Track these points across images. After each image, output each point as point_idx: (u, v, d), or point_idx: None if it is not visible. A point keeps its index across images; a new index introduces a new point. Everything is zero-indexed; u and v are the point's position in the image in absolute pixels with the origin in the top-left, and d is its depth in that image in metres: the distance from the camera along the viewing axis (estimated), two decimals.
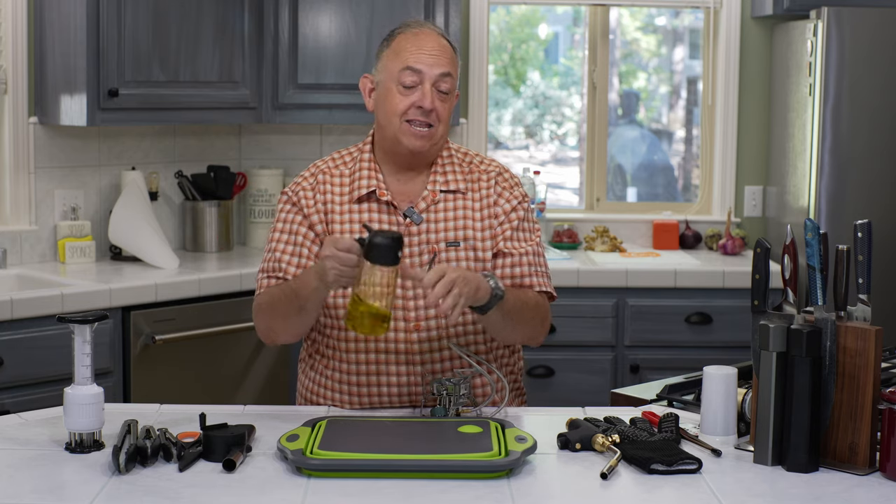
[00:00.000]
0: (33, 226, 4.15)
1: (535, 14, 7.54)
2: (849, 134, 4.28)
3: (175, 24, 4.08)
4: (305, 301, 2.37)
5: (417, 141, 2.46)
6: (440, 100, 2.46)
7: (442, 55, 2.47)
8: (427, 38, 2.48)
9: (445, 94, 2.47)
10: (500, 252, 2.50)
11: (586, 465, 2.09)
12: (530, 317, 2.46)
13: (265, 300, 2.48)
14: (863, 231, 2.13)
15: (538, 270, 2.52)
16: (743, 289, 4.26)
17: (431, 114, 2.45)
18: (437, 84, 2.45)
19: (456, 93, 2.55)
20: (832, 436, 2.09)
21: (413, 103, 2.44)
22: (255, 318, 2.51)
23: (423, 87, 2.45)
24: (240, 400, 3.89)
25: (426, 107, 2.44)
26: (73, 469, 2.04)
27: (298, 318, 2.42)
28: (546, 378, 4.27)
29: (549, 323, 2.54)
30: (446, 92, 2.47)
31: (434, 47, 2.47)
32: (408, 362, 2.47)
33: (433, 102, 2.44)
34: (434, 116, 2.46)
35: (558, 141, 7.88)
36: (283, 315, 2.43)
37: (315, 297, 2.36)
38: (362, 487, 1.96)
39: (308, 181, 2.55)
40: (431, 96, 2.44)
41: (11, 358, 3.46)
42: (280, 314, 2.44)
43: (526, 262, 2.50)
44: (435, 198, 2.51)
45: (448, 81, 2.47)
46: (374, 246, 2.19)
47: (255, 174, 4.63)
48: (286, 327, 2.46)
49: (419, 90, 2.45)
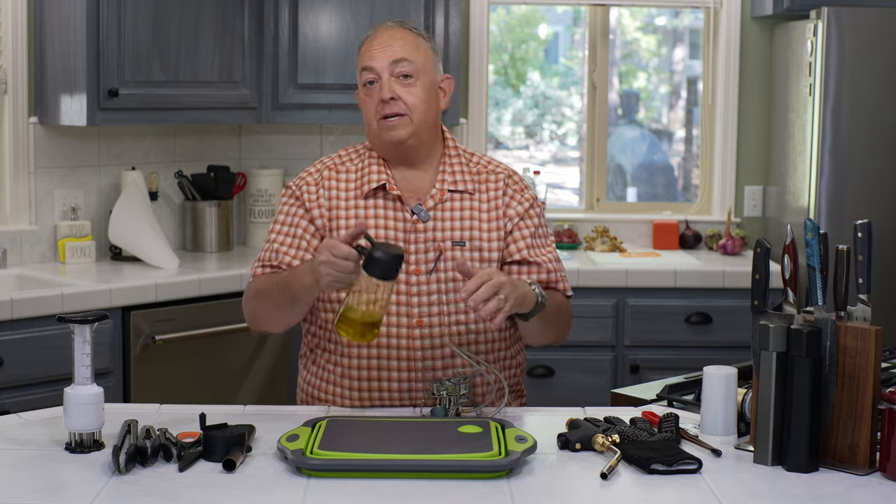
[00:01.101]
0: (33, 226, 4.15)
1: (535, 14, 7.55)
2: (849, 134, 4.27)
3: (175, 24, 4.08)
4: (297, 295, 2.39)
5: (392, 132, 2.48)
6: (403, 86, 2.47)
7: (391, 44, 2.49)
8: (377, 35, 2.52)
9: (408, 77, 2.47)
10: (524, 260, 2.52)
11: (586, 465, 2.09)
12: (562, 319, 2.55)
13: (258, 286, 2.50)
14: (863, 231, 2.13)
15: (561, 275, 2.58)
16: (743, 289, 4.26)
17: (396, 103, 2.46)
18: (393, 72, 2.47)
19: (446, 76, 2.56)
20: (832, 436, 2.09)
21: (378, 100, 2.47)
22: (244, 302, 2.54)
23: (381, 81, 2.47)
24: (240, 400, 3.89)
25: (385, 97, 2.46)
26: (73, 469, 2.04)
27: (289, 310, 2.45)
28: (546, 378, 4.27)
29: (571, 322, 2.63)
30: (409, 76, 2.48)
31: (384, 40, 2.50)
32: (409, 358, 2.47)
33: (392, 90, 2.46)
34: (401, 105, 2.47)
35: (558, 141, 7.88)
36: (275, 304, 2.45)
37: (307, 295, 2.38)
38: (362, 487, 1.96)
39: (313, 176, 2.57)
40: (389, 85, 2.46)
41: (11, 358, 3.46)
42: (271, 302, 2.45)
43: (553, 268, 2.55)
44: (443, 197, 2.52)
45: (405, 65, 2.47)
46: (374, 260, 2.19)
47: (255, 174, 4.63)
48: (275, 316, 2.49)
49: (378, 85, 2.47)
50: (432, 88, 2.52)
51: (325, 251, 2.22)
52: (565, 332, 2.60)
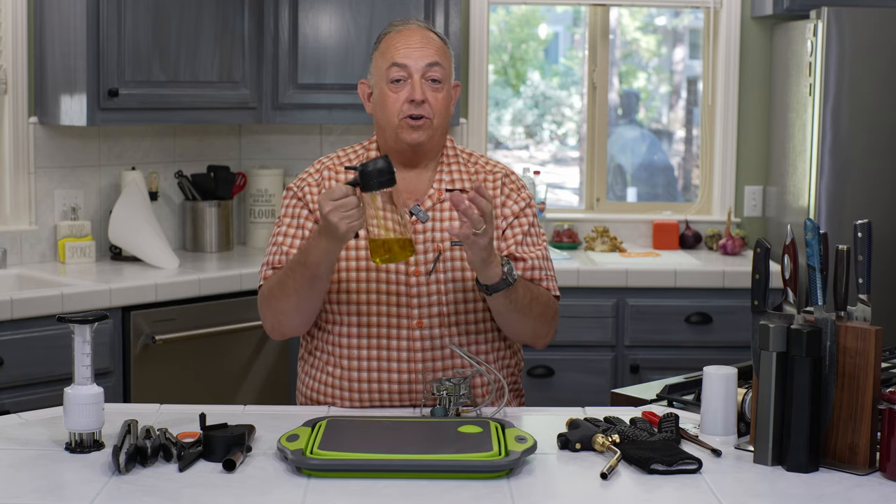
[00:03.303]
0: (33, 226, 4.15)
1: (535, 14, 7.55)
2: (849, 134, 4.27)
3: (175, 24, 4.08)
4: (317, 267, 2.34)
5: (414, 133, 2.47)
6: (432, 90, 2.47)
7: (427, 46, 2.48)
8: (411, 33, 2.50)
9: (437, 83, 2.47)
10: (511, 255, 2.51)
11: (586, 465, 2.09)
12: (538, 312, 2.47)
13: (270, 284, 2.47)
14: (863, 231, 2.13)
15: (548, 274, 2.55)
16: (743, 289, 4.26)
17: (424, 105, 2.46)
18: (425, 75, 2.46)
19: (455, 83, 2.55)
20: (832, 436, 2.09)
21: (405, 98, 2.46)
22: (260, 309, 2.50)
23: (412, 81, 2.46)
24: (240, 400, 3.89)
25: (417, 98, 2.45)
26: (73, 469, 2.04)
27: (309, 293, 2.40)
28: (546, 378, 4.27)
29: (557, 324, 2.56)
30: (438, 81, 2.47)
31: (418, 40, 2.48)
32: (409, 360, 2.47)
33: (423, 93, 2.45)
34: (427, 108, 2.46)
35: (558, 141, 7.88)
36: (294, 290, 2.40)
37: (327, 260, 2.34)
38: (362, 487, 1.96)
39: (313, 177, 2.56)
40: (421, 87, 2.45)
41: (11, 358, 3.46)
42: (290, 291, 2.41)
43: (538, 265, 2.52)
44: (441, 196, 2.52)
45: (437, 71, 2.47)
46: (367, 174, 2.22)
47: (255, 174, 4.63)
48: (295, 307, 2.43)
49: (409, 84, 2.46)
50: (451, 94, 2.53)
51: (325, 201, 2.23)
52: (546, 331, 2.53)
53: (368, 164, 2.23)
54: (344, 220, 2.23)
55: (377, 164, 2.22)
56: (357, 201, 2.23)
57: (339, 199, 2.22)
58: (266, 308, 2.49)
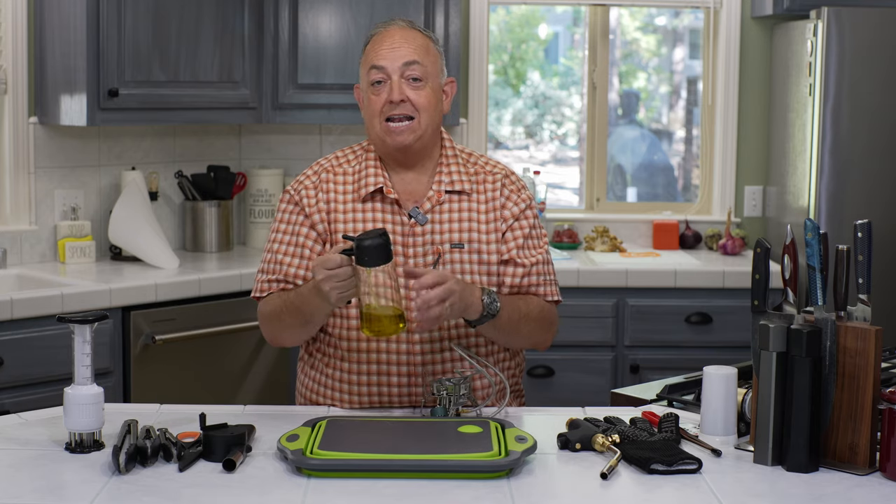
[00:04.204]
0: (33, 226, 4.15)
1: (534, 14, 7.54)
2: (849, 134, 4.27)
3: (175, 24, 4.08)
4: (311, 317, 2.40)
5: (399, 136, 2.46)
6: (413, 88, 2.45)
7: (404, 45, 2.46)
8: (389, 34, 2.49)
9: (418, 80, 2.46)
10: (511, 260, 2.50)
11: (586, 465, 2.09)
12: (531, 328, 2.48)
13: (269, 310, 2.49)
14: (863, 231, 2.13)
15: (547, 280, 2.54)
16: (743, 289, 4.26)
17: (405, 104, 2.44)
18: (404, 74, 2.45)
19: (450, 80, 2.54)
20: (832, 436, 2.09)
21: (385, 100, 2.45)
22: (260, 323, 2.54)
23: (391, 82, 2.45)
24: (240, 400, 3.89)
25: (394, 99, 2.43)
26: (73, 469, 2.04)
27: (304, 329, 2.47)
28: (546, 378, 4.27)
29: (556, 328, 2.57)
30: (418, 79, 2.46)
31: (395, 40, 2.47)
32: (409, 363, 2.47)
33: (402, 93, 2.44)
34: (409, 107, 2.45)
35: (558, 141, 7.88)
36: (289, 326, 2.46)
37: (319, 314, 2.40)
38: (362, 487, 1.96)
39: (311, 179, 2.55)
40: (399, 87, 2.44)
41: (11, 358, 3.46)
42: (286, 326, 2.46)
43: (535, 272, 2.51)
44: (440, 198, 2.51)
45: (416, 69, 2.45)
46: (363, 250, 2.19)
47: (255, 174, 4.63)
48: (292, 336, 2.51)
49: (387, 85, 2.45)
50: (438, 91, 2.50)
51: (319, 269, 2.24)
52: (545, 337, 2.55)
53: (366, 238, 2.19)
54: (335, 290, 2.23)
55: (374, 240, 2.19)
56: (351, 272, 2.22)
57: (333, 270, 2.22)
58: (264, 326, 2.54)
